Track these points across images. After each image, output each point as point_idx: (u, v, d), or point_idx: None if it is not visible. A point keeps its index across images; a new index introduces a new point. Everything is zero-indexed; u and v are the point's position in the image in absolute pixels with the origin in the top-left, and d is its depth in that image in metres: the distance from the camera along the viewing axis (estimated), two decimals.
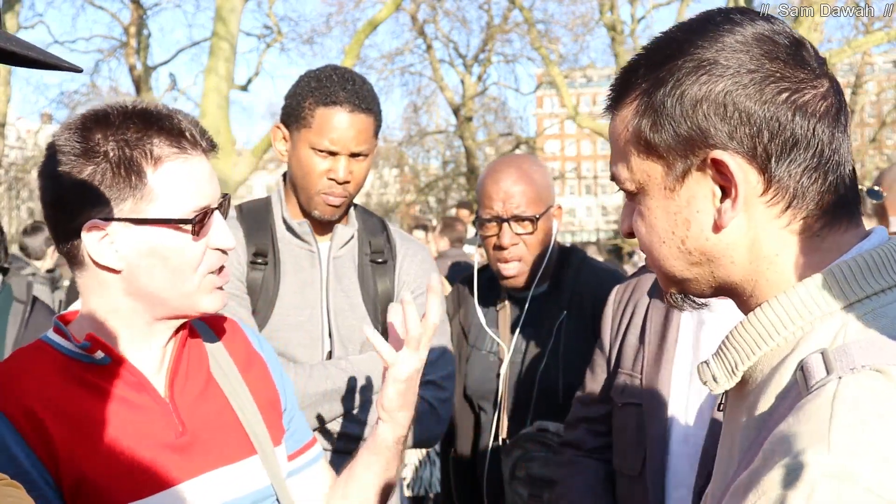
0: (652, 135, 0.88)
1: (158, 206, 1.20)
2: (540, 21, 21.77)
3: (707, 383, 0.91)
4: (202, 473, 1.27)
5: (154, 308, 1.25)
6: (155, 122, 1.21)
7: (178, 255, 1.22)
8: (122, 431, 1.21)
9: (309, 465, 1.50)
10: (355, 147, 1.98)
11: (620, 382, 1.81)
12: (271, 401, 1.43)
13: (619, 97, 0.92)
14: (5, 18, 9.77)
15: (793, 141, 0.83)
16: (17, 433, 1.15)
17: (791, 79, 0.84)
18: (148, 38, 21.68)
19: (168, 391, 1.28)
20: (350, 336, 2.04)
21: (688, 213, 0.88)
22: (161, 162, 1.20)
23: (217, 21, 11.48)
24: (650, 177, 0.90)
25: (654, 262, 0.94)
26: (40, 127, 25.57)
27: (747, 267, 0.88)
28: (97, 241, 1.20)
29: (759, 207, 0.85)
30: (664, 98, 0.86)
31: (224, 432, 1.32)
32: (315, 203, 2.02)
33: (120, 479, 1.19)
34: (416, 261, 2.16)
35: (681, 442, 1.66)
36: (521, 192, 2.27)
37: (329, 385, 1.94)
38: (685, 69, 0.85)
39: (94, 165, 1.18)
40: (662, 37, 0.91)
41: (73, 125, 1.22)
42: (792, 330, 0.83)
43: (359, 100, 1.97)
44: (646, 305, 1.83)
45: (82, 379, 1.22)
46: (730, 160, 0.84)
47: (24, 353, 1.26)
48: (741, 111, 0.83)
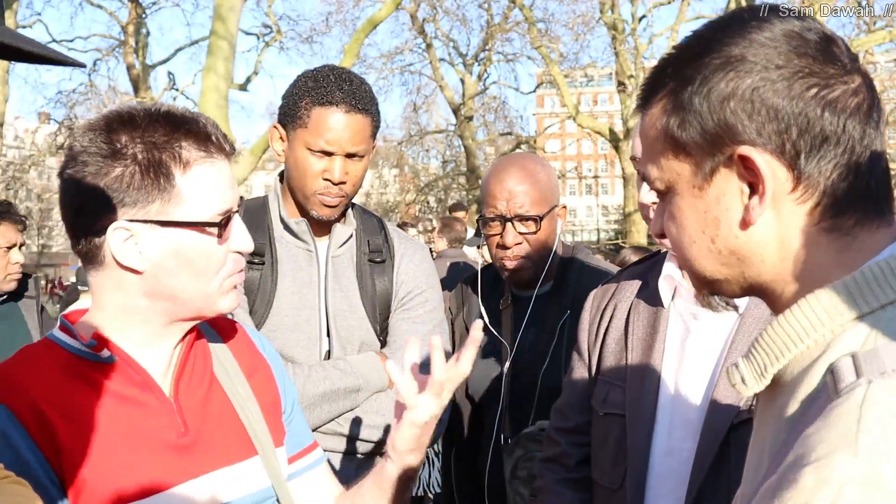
0: (680, 132, 0.87)
1: (185, 209, 1.21)
2: (540, 20, 21.82)
3: (736, 386, 0.90)
4: (204, 474, 1.27)
5: (174, 309, 1.26)
6: (182, 125, 1.23)
7: (203, 258, 1.24)
8: (125, 430, 1.22)
9: (310, 469, 1.49)
10: (351, 148, 1.97)
11: (602, 391, 1.77)
12: (273, 402, 1.44)
13: (649, 96, 0.92)
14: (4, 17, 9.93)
15: (822, 137, 0.82)
16: (23, 429, 1.15)
17: (820, 74, 0.83)
18: (146, 36, 21.74)
19: (173, 391, 1.29)
20: (349, 336, 2.03)
21: (717, 211, 0.87)
22: (190, 166, 1.22)
23: (216, 20, 11.46)
24: (679, 175, 0.89)
25: (685, 263, 0.94)
26: (38, 126, 25.59)
27: (778, 266, 0.87)
28: (121, 242, 1.20)
29: (789, 205, 0.84)
30: (692, 96, 0.86)
31: (226, 433, 1.33)
32: (311, 203, 2.01)
33: (122, 478, 1.19)
34: (414, 260, 2.16)
35: (664, 455, 1.63)
36: (525, 192, 2.26)
37: (328, 386, 1.94)
38: (712, 66, 0.85)
39: (122, 167, 1.19)
40: (691, 35, 0.91)
41: (96, 126, 1.22)
42: (822, 332, 0.82)
43: (355, 100, 1.96)
44: (626, 310, 1.79)
45: (88, 377, 1.22)
46: (757, 156, 0.83)
47: (31, 350, 1.27)
48: (769, 107, 0.83)
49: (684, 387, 1.62)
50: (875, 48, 18.16)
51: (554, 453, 1.89)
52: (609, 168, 43.22)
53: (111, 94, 21.98)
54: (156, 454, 1.23)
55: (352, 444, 1.97)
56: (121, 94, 22.08)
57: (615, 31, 19.32)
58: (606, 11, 19.21)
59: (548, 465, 1.90)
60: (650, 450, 1.64)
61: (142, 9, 21.35)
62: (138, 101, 20.04)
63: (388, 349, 2.07)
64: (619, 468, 1.68)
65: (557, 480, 1.86)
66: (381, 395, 2.02)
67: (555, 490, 1.85)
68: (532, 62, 31.31)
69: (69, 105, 21.70)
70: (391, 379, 1.38)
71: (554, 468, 1.88)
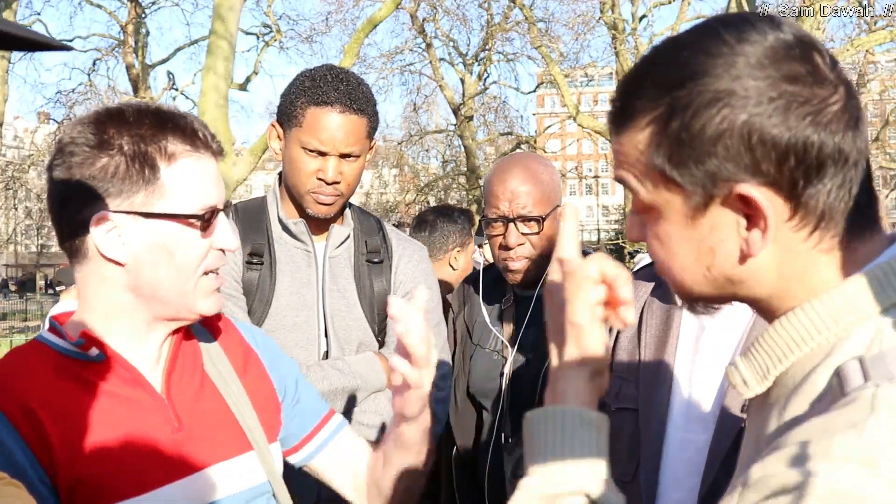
0: (671, 170, 0.85)
1: (169, 202, 1.22)
2: (540, 20, 21.82)
3: (737, 386, 0.90)
4: (199, 470, 1.27)
5: (154, 306, 1.26)
6: (169, 120, 1.25)
7: (183, 251, 1.24)
8: (118, 428, 1.22)
9: (333, 437, 1.52)
10: (345, 148, 1.97)
11: (615, 386, 1.78)
12: (267, 396, 1.44)
13: (627, 115, 0.88)
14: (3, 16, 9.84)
15: (818, 163, 0.81)
16: (15, 431, 1.14)
17: (811, 101, 0.81)
18: (146, 36, 21.72)
19: (164, 388, 1.29)
20: (346, 336, 2.03)
21: (711, 241, 0.86)
22: (175, 158, 1.23)
23: (215, 19, 11.44)
24: (668, 203, 0.87)
25: (674, 284, 0.92)
26: (37, 126, 25.61)
27: (775, 285, 0.86)
28: (105, 233, 1.21)
29: (786, 232, 0.83)
30: (681, 131, 0.83)
31: (220, 428, 1.34)
32: (306, 202, 2.01)
33: (117, 475, 1.19)
34: (412, 261, 2.16)
35: (678, 447, 1.64)
36: (528, 193, 2.25)
37: (326, 385, 1.94)
38: (701, 101, 0.81)
39: (107, 157, 1.20)
40: (668, 52, 0.87)
41: (86, 120, 1.23)
42: (826, 336, 0.82)
43: (350, 100, 1.96)
44: (640, 308, 1.80)
45: (78, 376, 1.22)
46: (757, 194, 0.81)
47: (20, 351, 1.27)
48: (765, 141, 0.81)
49: (698, 381, 1.62)
50: (875, 48, 18.16)
51: None
52: (609, 168, 43.23)
53: (111, 93, 21.98)
54: (150, 451, 1.23)
55: None
56: (120, 93, 22.09)
57: (615, 31, 19.31)
58: (607, 11, 19.20)
59: None
60: (664, 442, 1.65)
61: (141, 8, 21.34)
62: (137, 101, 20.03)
63: (386, 349, 2.07)
64: (632, 461, 1.69)
65: None
66: (380, 395, 2.02)
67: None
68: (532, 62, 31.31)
69: (69, 105, 21.72)
70: (389, 375, 1.38)
71: None
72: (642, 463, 1.67)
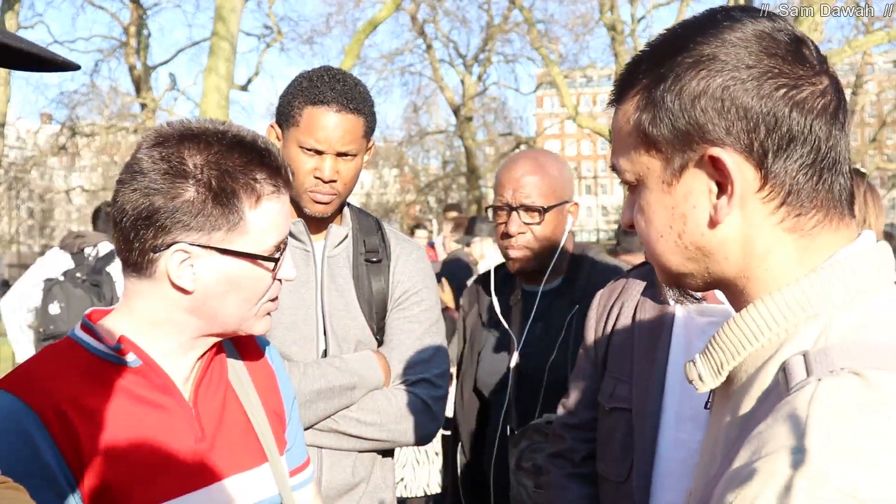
0: (651, 129, 0.88)
1: (248, 241, 1.23)
2: (540, 21, 21.84)
3: (693, 382, 0.92)
4: (218, 480, 1.28)
5: (210, 326, 1.28)
6: (255, 153, 1.23)
7: (253, 285, 1.26)
8: (144, 435, 1.22)
9: (301, 487, 1.51)
10: (341, 147, 1.99)
11: (609, 386, 1.79)
12: (278, 413, 1.46)
13: (622, 92, 0.93)
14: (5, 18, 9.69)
15: (789, 137, 0.83)
16: (46, 430, 1.15)
17: (789, 75, 0.84)
18: (148, 37, 21.71)
19: (192, 397, 1.30)
20: (344, 335, 2.04)
21: (685, 207, 0.88)
22: (260, 201, 1.23)
23: (217, 21, 11.48)
24: (649, 170, 0.90)
25: (652, 257, 0.95)
26: (40, 127, 25.58)
27: (741, 263, 0.88)
28: (178, 263, 1.21)
29: (755, 204, 0.86)
30: (664, 93, 0.87)
31: (239, 440, 1.35)
32: (304, 201, 2.03)
33: (141, 482, 1.20)
34: (410, 260, 2.16)
35: (671, 447, 1.65)
36: (532, 183, 2.29)
37: (324, 383, 1.95)
38: (684, 65, 0.86)
39: (193, 192, 1.18)
40: (666, 33, 0.92)
41: (166, 141, 1.21)
42: (777, 331, 0.84)
43: (347, 100, 1.98)
44: (633, 307, 1.81)
45: (111, 380, 1.23)
46: (726, 157, 0.84)
47: (54, 350, 1.27)
48: (738, 106, 0.84)
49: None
50: (874, 49, 18.18)
51: (560, 448, 1.92)
52: (609, 168, 43.03)
53: (113, 94, 22.01)
54: (174, 459, 1.24)
55: (347, 441, 1.99)
56: (122, 94, 22.11)
57: (615, 32, 19.31)
58: (606, 12, 19.19)
59: (554, 460, 1.93)
60: (657, 442, 1.66)
61: (143, 10, 21.34)
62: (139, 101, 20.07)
63: (384, 348, 2.09)
64: (626, 461, 1.70)
65: (564, 475, 1.89)
66: (377, 392, 2.03)
67: (561, 484, 1.88)
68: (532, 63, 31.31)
69: (71, 106, 21.68)
70: (387, 374, 1.40)
71: (560, 463, 1.91)
72: (636, 463, 1.68)
